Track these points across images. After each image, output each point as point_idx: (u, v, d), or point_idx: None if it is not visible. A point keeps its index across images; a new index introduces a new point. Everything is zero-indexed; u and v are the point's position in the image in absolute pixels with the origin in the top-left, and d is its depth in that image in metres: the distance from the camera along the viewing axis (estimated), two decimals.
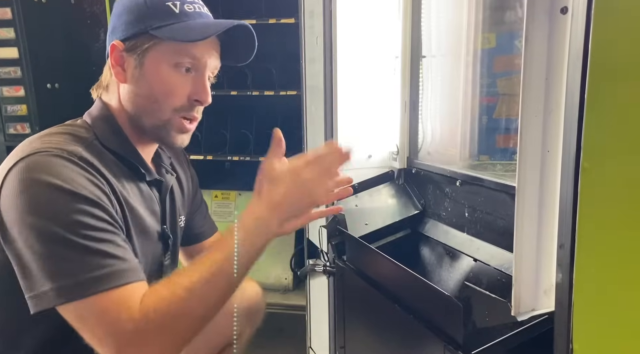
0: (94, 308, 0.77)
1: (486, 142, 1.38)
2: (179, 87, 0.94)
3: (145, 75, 0.93)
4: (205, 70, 0.96)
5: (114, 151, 0.94)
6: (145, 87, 0.94)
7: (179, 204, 1.13)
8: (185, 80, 0.95)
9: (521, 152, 0.75)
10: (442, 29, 1.40)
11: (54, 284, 0.77)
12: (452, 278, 1.20)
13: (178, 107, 0.95)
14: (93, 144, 0.92)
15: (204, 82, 0.96)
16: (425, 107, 1.43)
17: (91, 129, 0.95)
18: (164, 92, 0.93)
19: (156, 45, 0.92)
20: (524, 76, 0.74)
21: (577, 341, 0.68)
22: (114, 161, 0.94)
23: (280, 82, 2.34)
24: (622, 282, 0.69)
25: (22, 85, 2.32)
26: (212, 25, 0.95)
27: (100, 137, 0.94)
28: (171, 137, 0.97)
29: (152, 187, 1.02)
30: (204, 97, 0.96)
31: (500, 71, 1.34)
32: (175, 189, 1.12)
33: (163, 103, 0.94)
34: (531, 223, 0.77)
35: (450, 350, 0.87)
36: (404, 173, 1.45)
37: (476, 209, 1.17)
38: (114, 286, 0.78)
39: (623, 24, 0.65)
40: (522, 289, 0.79)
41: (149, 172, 1.00)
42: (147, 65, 0.93)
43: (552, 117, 0.73)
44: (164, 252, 1.06)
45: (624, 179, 0.66)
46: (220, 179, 2.54)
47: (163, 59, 0.93)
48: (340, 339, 1.37)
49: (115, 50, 0.94)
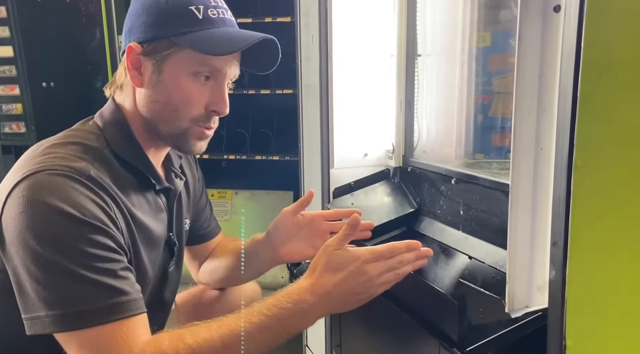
0: (85, 341, 0.75)
1: (481, 141, 1.38)
2: (197, 96, 0.91)
3: (163, 82, 0.90)
4: (225, 80, 0.94)
5: (125, 160, 0.91)
6: (163, 94, 0.90)
7: (185, 209, 1.11)
8: (204, 90, 0.91)
9: (515, 150, 0.75)
10: (437, 28, 1.41)
11: (50, 311, 0.75)
12: (447, 276, 1.20)
13: (196, 117, 0.92)
14: (103, 154, 0.89)
15: (222, 92, 0.94)
16: (420, 105, 1.44)
17: (102, 134, 0.92)
18: (182, 100, 0.90)
19: (177, 52, 0.88)
20: (517, 74, 0.74)
21: (570, 337, 0.69)
22: (123, 171, 0.91)
23: (277, 81, 2.34)
24: (614, 278, 0.69)
25: (17, 84, 2.31)
26: (237, 39, 0.90)
27: (111, 144, 0.91)
28: (190, 144, 0.95)
29: (160, 194, 1.00)
30: (222, 108, 0.94)
31: (495, 70, 1.35)
32: (182, 193, 1.10)
33: (181, 112, 0.91)
34: (525, 220, 0.77)
35: (445, 347, 0.87)
36: (399, 171, 1.46)
37: (471, 207, 1.18)
38: (109, 320, 0.76)
39: (615, 22, 0.65)
40: (516, 286, 0.79)
41: (159, 182, 0.97)
42: (166, 72, 0.89)
43: (546, 115, 0.73)
44: (169, 259, 1.04)
45: (617, 176, 0.67)
46: (216, 178, 2.54)
47: (183, 67, 0.89)
48: (336, 338, 1.37)
49: (133, 53, 0.89)
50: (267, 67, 1.00)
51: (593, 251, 0.68)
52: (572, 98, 0.65)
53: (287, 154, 2.28)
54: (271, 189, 2.48)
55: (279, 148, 2.36)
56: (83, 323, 0.75)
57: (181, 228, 1.09)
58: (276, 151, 2.36)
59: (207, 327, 0.80)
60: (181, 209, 1.09)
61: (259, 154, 2.36)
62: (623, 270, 0.69)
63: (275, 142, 2.39)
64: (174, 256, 1.05)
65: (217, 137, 2.47)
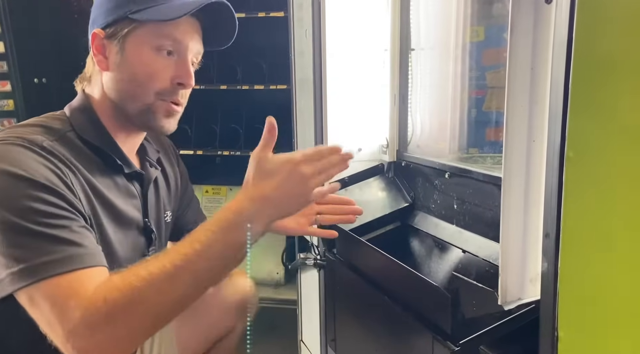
0: (44, 293, 0.75)
1: (475, 135, 1.38)
2: (161, 70, 0.93)
3: (127, 59, 0.93)
4: (187, 52, 0.96)
5: (91, 143, 0.93)
6: (127, 71, 0.93)
7: (165, 200, 1.11)
8: (168, 64, 0.94)
9: (507, 142, 0.75)
10: (431, 22, 1.41)
11: (8, 270, 0.76)
12: (441, 270, 1.21)
13: (161, 90, 0.94)
14: (66, 136, 0.91)
15: (186, 65, 0.95)
16: (414, 100, 1.44)
17: (67, 120, 0.94)
18: (146, 74, 0.92)
19: (136, 29, 0.92)
20: (509, 67, 0.74)
21: (563, 329, 0.69)
22: (89, 154, 0.92)
23: (270, 77, 2.33)
24: (606, 270, 0.70)
25: (8, 80, 2.30)
26: (189, 3, 0.93)
27: (76, 129, 0.93)
28: (157, 120, 0.96)
29: (132, 180, 1.01)
30: (187, 80, 0.95)
31: (489, 64, 1.35)
32: (160, 183, 1.10)
33: (146, 86, 0.93)
34: (517, 212, 0.77)
35: (438, 340, 0.88)
36: (393, 166, 1.46)
37: (465, 201, 1.18)
38: (66, 271, 0.75)
39: (607, 14, 0.65)
40: (509, 278, 0.79)
41: (127, 165, 0.98)
42: (128, 49, 0.92)
43: (538, 107, 0.73)
44: (147, 245, 1.04)
45: (609, 168, 0.67)
46: (210, 174, 2.53)
47: (144, 42, 0.92)
48: (330, 332, 1.37)
49: (97, 39, 0.93)
50: (227, 38, 1.03)
51: (585, 242, 0.68)
52: (564, 90, 0.65)
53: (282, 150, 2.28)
54: None
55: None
56: (39, 275, 0.75)
57: (160, 218, 1.09)
58: None
59: (157, 257, 0.80)
60: (159, 198, 1.09)
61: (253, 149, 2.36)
62: (615, 261, 0.69)
63: None
64: (152, 243, 1.05)
65: (210, 133, 2.49)
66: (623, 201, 0.68)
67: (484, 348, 0.81)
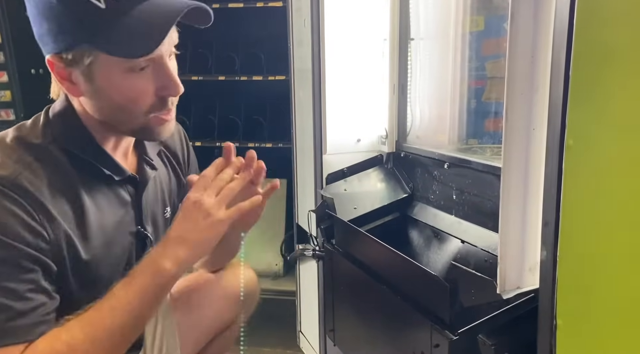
0: None
1: (475, 126, 1.38)
2: (141, 89, 0.82)
3: (99, 88, 0.81)
4: (164, 59, 0.83)
5: (74, 152, 0.85)
6: (106, 100, 0.83)
7: (165, 194, 1.06)
8: (146, 79, 0.82)
9: (507, 131, 0.75)
10: (430, 12, 1.40)
11: None
12: (440, 260, 1.21)
13: (149, 109, 0.84)
14: (46, 150, 0.83)
15: (167, 73, 0.83)
16: (414, 90, 1.43)
17: (48, 128, 0.85)
18: (128, 100, 0.82)
19: (98, 56, 0.78)
20: (509, 55, 0.74)
21: (561, 317, 0.69)
22: (70, 167, 0.85)
23: (269, 67, 2.33)
24: (605, 258, 0.70)
25: (5, 70, 2.29)
26: (156, 27, 0.77)
27: (58, 139, 0.85)
28: (154, 134, 0.89)
29: (125, 185, 0.94)
30: (174, 90, 0.85)
31: (488, 54, 1.34)
32: (160, 179, 1.04)
33: (130, 111, 0.83)
34: (516, 201, 0.77)
35: (437, 329, 0.88)
36: (392, 157, 1.45)
37: (464, 191, 1.18)
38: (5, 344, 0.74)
39: (608, 2, 0.65)
40: (508, 267, 0.79)
41: (116, 173, 0.90)
42: (97, 79, 0.80)
43: (538, 95, 0.73)
44: (142, 251, 0.98)
45: (608, 156, 0.67)
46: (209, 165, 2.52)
47: (113, 69, 0.79)
48: (329, 322, 1.38)
49: (56, 67, 0.81)
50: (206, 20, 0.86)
51: (584, 231, 0.68)
52: (564, 78, 0.65)
53: (280, 141, 2.28)
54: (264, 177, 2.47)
55: (271, 135, 2.35)
56: None
57: (157, 218, 1.03)
58: (269, 138, 2.35)
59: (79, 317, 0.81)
60: (157, 196, 1.03)
61: (251, 141, 2.36)
62: (614, 250, 0.69)
63: (268, 129, 2.38)
64: (147, 248, 0.98)
65: (209, 124, 2.48)
66: (622, 189, 0.68)
67: (482, 336, 0.82)
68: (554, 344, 0.70)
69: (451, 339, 0.84)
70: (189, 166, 1.16)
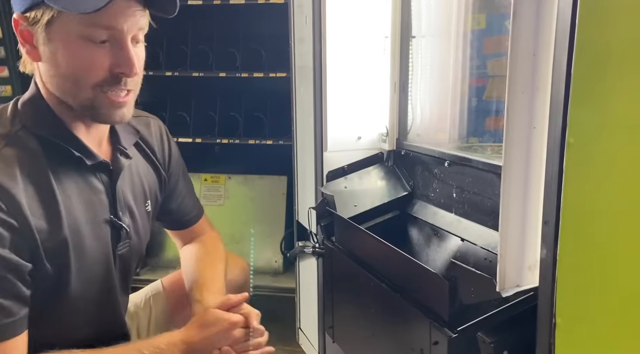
0: None
1: (476, 124, 1.38)
2: (94, 60, 0.82)
3: (56, 50, 0.82)
4: (125, 37, 0.83)
5: (45, 137, 0.86)
6: (60, 65, 0.83)
7: (145, 187, 1.05)
8: (103, 53, 0.82)
9: (508, 129, 0.75)
10: (432, 9, 1.39)
11: None
12: (439, 258, 1.21)
13: (98, 83, 0.84)
14: (16, 136, 0.84)
15: (126, 51, 0.83)
16: (415, 88, 1.43)
17: (17, 116, 0.87)
18: (79, 68, 0.82)
19: (58, 16, 0.79)
20: (511, 52, 0.73)
21: (561, 315, 0.69)
22: (41, 152, 0.85)
23: (270, 64, 2.32)
24: (605, 257, 0.70)
25: (6, 65, 2.28)
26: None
27: (27, 124, 0.86)
28: (103, 115, 0.87)
29: (98, 172, 0.93)
30: (128, 69, 0.84)
31: (490, 53, 1.34)
32: (139, 171, 1.04)
33: (80, 81, 0.83)
34: (517, 199, 0.77)
35: (436, 327, 0.88)
36: (393, 155, 1.45)
37: (464, 189, 1.18)
38: None
39: (609, 1, 0.65)
40: (507, 265, 0.79)
41: (87, 156, 0.90)
42: (55, 40, 0.81)
43: (539, 93, 0.73)
44: (116, 242, 0.98)
45: (609, 155, 0.67)
46: (209, 162, 2.52)
47: (71, 31, 0.80)
48: (329, 320, 1.38)
49: (19, 26, 0.83)
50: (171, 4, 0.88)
51: (584, 229, 0.68)
52: (566, 76, 0.65)
53: (281, 138, 2.27)
54: (265, 174, 2.47)
55: (272, 132, 2.34)
56: None
57: (134, 210, 1.02)
58: (269, 135, 2.34)
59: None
60: (135, 188, 1.02)
61: (252, 138, 2.35)
62: (614, 249, 0.70)
63: (268, 126, 2.38)
64: (123, 239, 0.99)
65: (209, 121, 2.48)
66: (623, 188, 0.68)
67: (481, 334, 0.82)
68: (553, 342, 0.70)
69: (450, 336, 0.84)
70: (170, 161, 1.14)
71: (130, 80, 0.87)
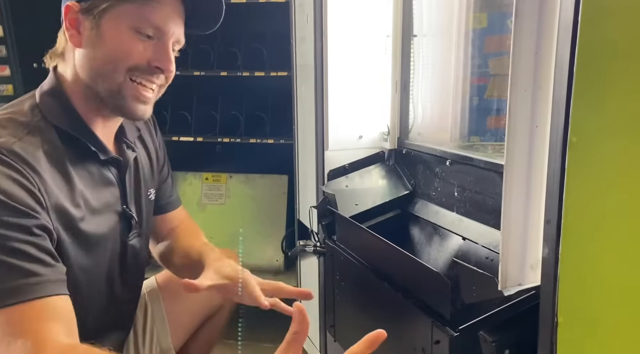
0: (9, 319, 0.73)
1: (477, 123, 1.38)
2: (139, 50, 0.88)
3: (102, 37, 0.88)
4: (169, 38, 0.91)
5: (63, 130, 0.89)
6: (102, 49, 0.88)
7: (147, 177, 1.10)
8: (147, 46, 0.89)
9: (510, 127, 0.75)
10: (433, 8, 1.39)
11: None
12: (441, 257, 1.21)
13: (134, 66, 0.89)
14: (37, 126, 0.86)
15: (167, 49, 0.91)
16: (416, 87, 1.43)
17: (37, 107, 0.89)
18: (121, 52, 0.88)
19: (114, 6, 0.87)
20: (513, 51, 0.73)
21: (562, 314, 0.69)
22: (59, 143, 0.88)
23: (271, 63, 2.32)
24: (607, 256, 0.70)
25: (7, 64, 2.28)
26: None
27: (47, 115, 0.88)
28: (128, 105, 0.91)
29: (109, 167, 0.98)
30: (166, 64, 0.91)
31: (491, 52, 1.34)
32: (142, 162, 1.08)
33: (119, 63, 0.88)
34: (519, 198, 0.77)
35: (438, 326, 0.88)
36: (394, 154, 1.45)
37: (466, 188, 1.18)
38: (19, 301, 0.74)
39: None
40: (509, 264, 0.79)
41: (102, 151, 0.94)
42: (104, 26, 0.87)
43: (541, 92, 0.73)
44: (127, 231, 1.02)
45: (612, 153, 0.67)
46: (210, 161, 2.52)
47: (122, 21, 0.87)
48: (330, 319, 1.38)
49: (70, 12, 0.88)
50: (212, 23, 0.99)
51: (586, 228, 0.68)
52: (568, 75, 0.65)
53: (282, 137, 2.27)
54: (266, 173, 2.47)
55: (273, 131, 2.34)
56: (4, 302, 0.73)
57: (140, 200, 1.06)
58: (271, 134, 2.34)
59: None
60: (139, 179, 1.06)
61: (253, 137, 2.35)
62: (616, 248, 0.69)
63: (269, 125, 2.38)
64: (133, 228, 1.03)
65: (211, 119, 2.48)
66: (625, 187, 0.68)
67: (483, 333, 0.82)
68: (555, 341, 0.70)
69: (452, 335, 0.84)
70: (159, 147, 1.18)
71: (162, 76, 0.93)
